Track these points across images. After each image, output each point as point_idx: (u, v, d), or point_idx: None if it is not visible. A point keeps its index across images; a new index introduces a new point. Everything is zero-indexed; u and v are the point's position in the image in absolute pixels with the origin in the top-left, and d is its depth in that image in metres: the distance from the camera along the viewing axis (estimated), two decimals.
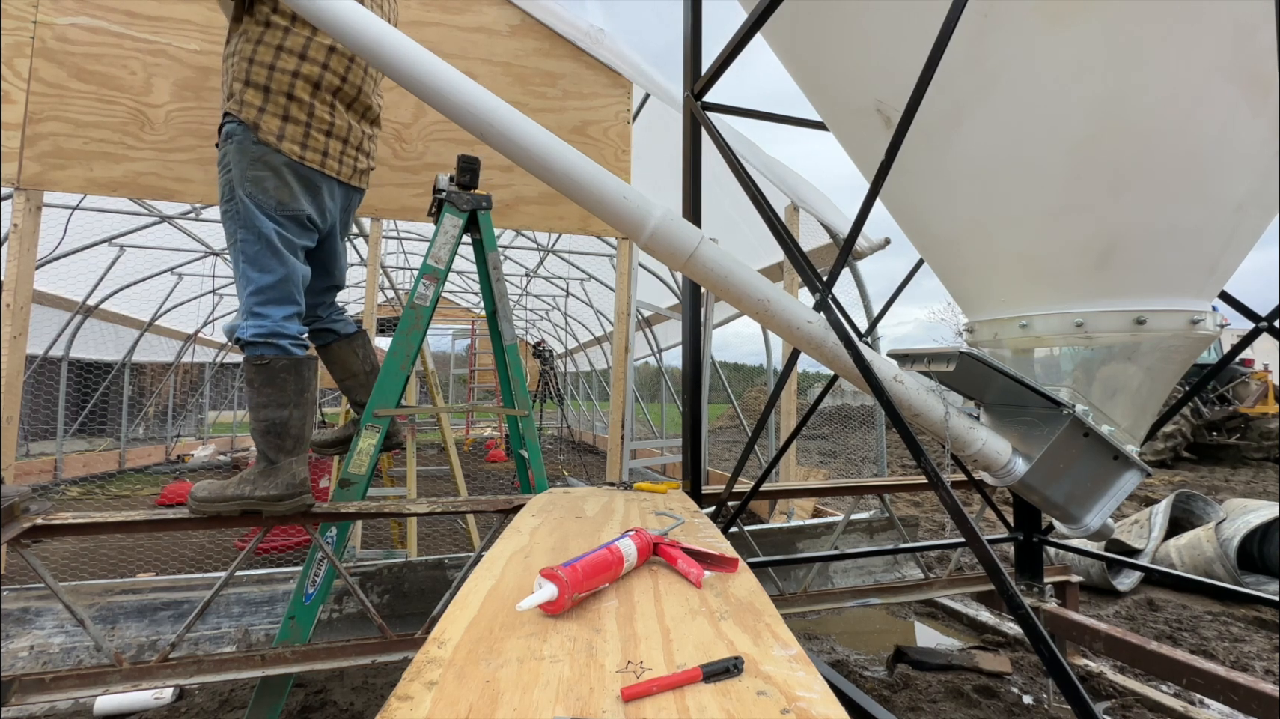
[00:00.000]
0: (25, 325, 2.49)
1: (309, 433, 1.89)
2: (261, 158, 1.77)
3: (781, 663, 0.75)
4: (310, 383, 1.87)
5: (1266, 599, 1.90)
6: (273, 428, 1.80)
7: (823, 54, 1.64)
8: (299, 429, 1.84)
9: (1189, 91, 1.23)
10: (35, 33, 2.50)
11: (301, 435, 1.85)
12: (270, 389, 1.79)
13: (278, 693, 2.03)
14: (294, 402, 1.82)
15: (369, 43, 1.31)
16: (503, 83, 3.05)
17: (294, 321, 1.84)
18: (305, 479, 1.85)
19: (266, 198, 1.78)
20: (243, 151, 1.77)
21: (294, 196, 1.82)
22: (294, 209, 1.83)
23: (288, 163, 1.80)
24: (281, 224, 1.82)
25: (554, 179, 1.34)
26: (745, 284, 1.40)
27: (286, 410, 1.81)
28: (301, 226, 1.87)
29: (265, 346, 1.77)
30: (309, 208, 1.87)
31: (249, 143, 1.76)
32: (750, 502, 2.30)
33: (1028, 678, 2.91)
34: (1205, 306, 1.45)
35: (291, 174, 1.81)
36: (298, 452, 1.85)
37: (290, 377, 1.80)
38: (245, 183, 1.77)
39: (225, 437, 12.46)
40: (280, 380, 1.79)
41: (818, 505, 4.76)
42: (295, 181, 1.82)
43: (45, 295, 6.83)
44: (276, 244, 1.80)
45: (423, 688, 0.68)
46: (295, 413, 1.83)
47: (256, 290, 1.78)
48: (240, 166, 1.77)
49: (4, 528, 1.64)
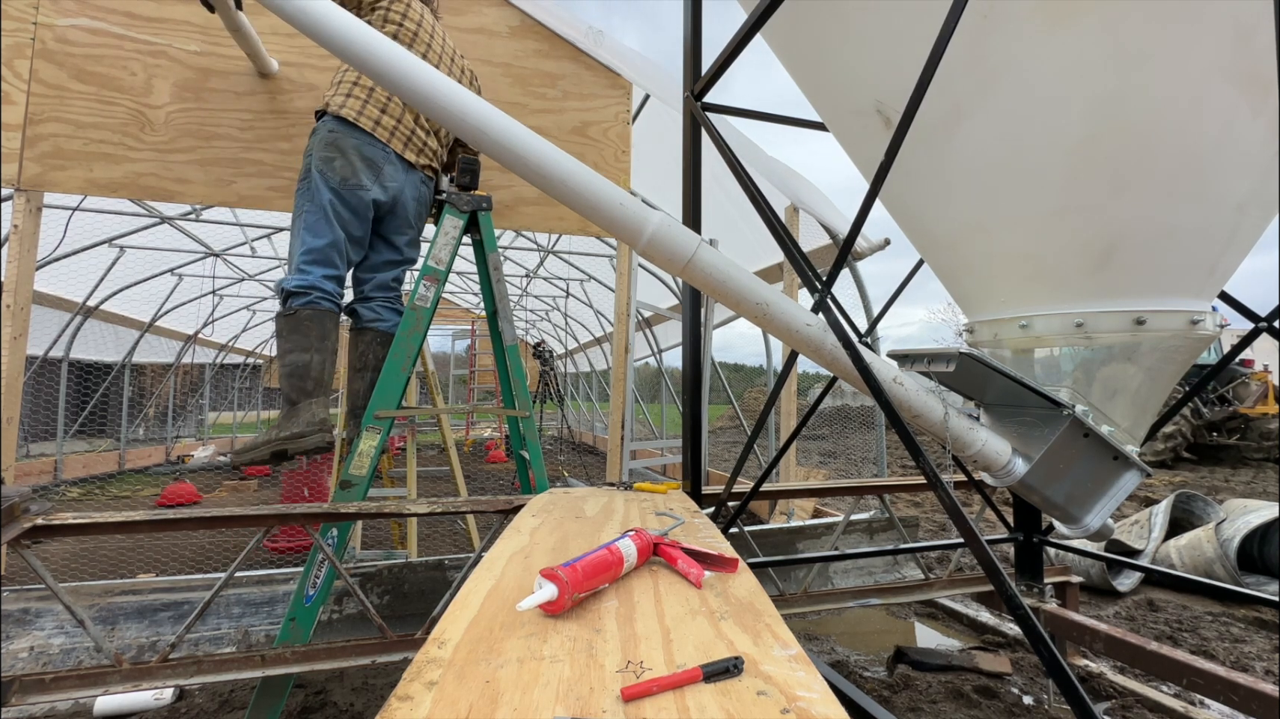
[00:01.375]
0: (25, 326, 2.49)
1: (328, 378, 2.07)
2: (334, 142, 2.10)
3: (781, 663, 0.75)
4: (330, 332, 2.07)
5: (1266, 599, 1.90)
6: (296, 370, 2.01)
7: (822, 54, 1.64)
8: (319, 371, 2.03)
9: (1189, 92, 1.23)
10: (35, 34, 2.51)
11: (321, 378, 2.04)
12: (296, 335, 2.01)
13: (278, 694, 2.03)
14: (316, 346, 2.03)
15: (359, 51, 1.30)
16: (503, 84, 3.05)
17: (331, 283, 2.09)
18: (324, 419, 2.03)
19: (333, 174, 2.08)
20: (319, 137, 2.12)
21: (355, 173, 2.11)
22: (354, 183, 2.11)
23: (355, 145, 2.10)
24: (339, 197, 2.09)
25: (550, 186, 1.33)
26: (743, 288, 1.40)
27: (309, 354, 2.01)
28: (359, 202, 2.12)
29: (301, 297, 2.02)
30: (368, 182, 2.14)
31: (324, 129, 2.12)
32: (750, 502, 2.29)
33: (1028, 678, 2.91)
34: (1205, 307, 1.45)
35: (356, 155, 2.11)
36: (317, 393, 2.03)
37: (313, 324, 2.02)
38: (318, 162, 2.09)
39: (225, 437, 12.47)
40: (304, 327, 2.01)
41: (818, 506, 4.76)
42: (359, 160, 2.11)
43: (45, 296, 6.83)
44: (329, 214, 2.07)
45: (423, 688, 0.68)
46: (316, 357, 2.03)
47: (306, 250, 2.06)
48: (317, 150, 2.11)
49: (4, 528, 1.64)
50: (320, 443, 1.99)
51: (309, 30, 1.33)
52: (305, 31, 1.34)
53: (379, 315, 2.33)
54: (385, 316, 2.34)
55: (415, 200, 2.32)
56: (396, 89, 1.32)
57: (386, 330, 2.32)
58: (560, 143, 3.09)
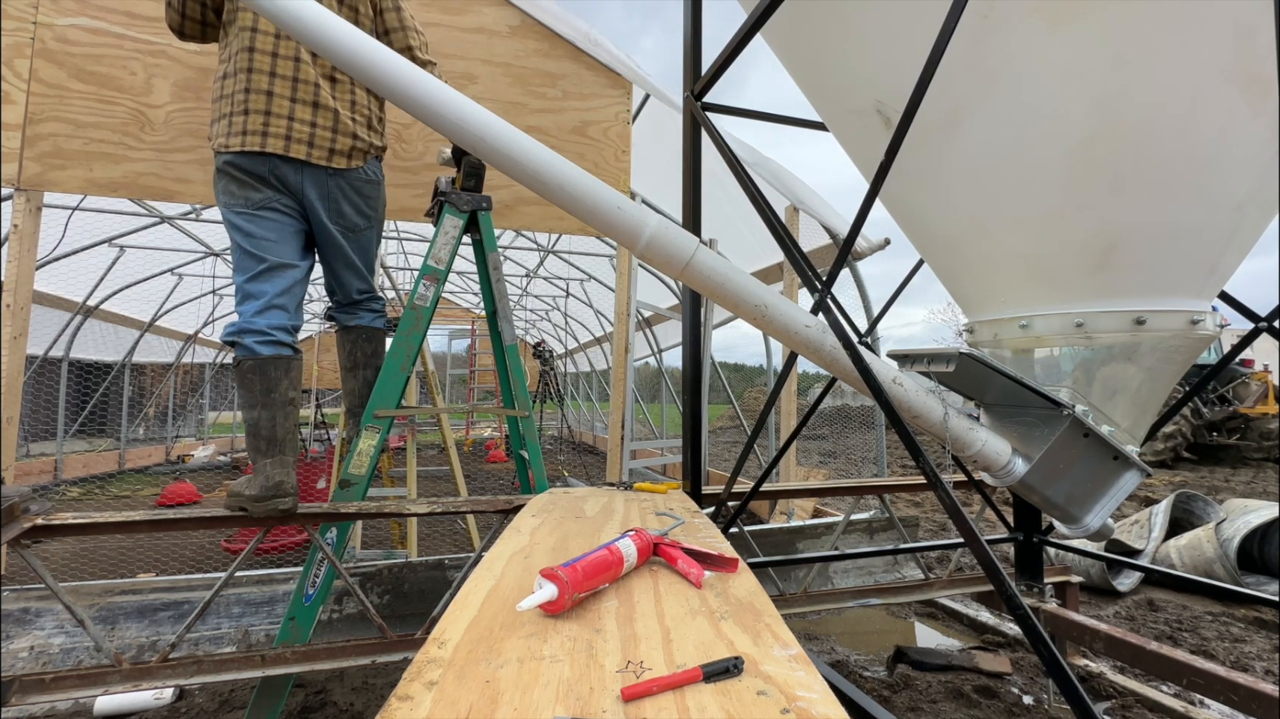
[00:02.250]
0: (25, 326, 2.49)
1: (284, 434, 1.86)
2: (220, 172, 1.91)
3: (781, 663, 0.75)
4: (277, 382, 1.84)
5: (1266, 599, 1.90)
6: (250, 429, 1.84)
7: (822, 54, 1.64)
8: (269, 430, 1.83)
9: (1189, 92, 1.23)
10: (35, 33, 2.51)
11: (273, 437, 1.83)
12: (242, 390, 1.84)
13: (278, 693, 2.03)
14: (260, 402, 1.82)
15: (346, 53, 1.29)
16: (503, 83, 3.05)
17: (265, 315, 1.86)
18: (281, 483, 1.81)
19: (230, 205, 1.91)
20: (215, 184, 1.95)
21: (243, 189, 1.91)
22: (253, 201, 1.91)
23: (228, 160, 1.88)
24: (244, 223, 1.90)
25: (547, 191, 1.33)
26: (742, 290, 1.40)
27: (255, 411, 1.82)
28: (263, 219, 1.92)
29: (237, 347, 1.83)
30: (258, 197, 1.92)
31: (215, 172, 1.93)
32: (750, 502, 2.29)
33: (1028, 678, 2.91)
34: (1205, 307, 1.45)
35: (235, 171, 1.89)
36: (272, 453, 1.83)
37: (255, 377, 1.82)
38: (219, 201, 1.93)
39: (225, 437, 12.46)
40: (247, 381, 1.82)
41: (818, 506, 4.76)
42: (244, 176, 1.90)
43: (45, 296, 6.83)
44: (244, 246, 1.90)
45: (423, 688, 0.68)
46: (263, 413, 1.82)
47: (237, 292, 1.89)
48: (215, 188, 1.95)
49: (4, 528, 1.64)
50: (272, 510, 1.80)
51: (304, 37, 1.32)
52: (302, 39, 1.33)
53: (357, 315, 2.25)
54: (364, 316, 2.26)
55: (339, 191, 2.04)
56: (393, 96, 1.31)
57: (369, 325, 2.26)
58: (560, 142, 3.10)
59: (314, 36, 1.28)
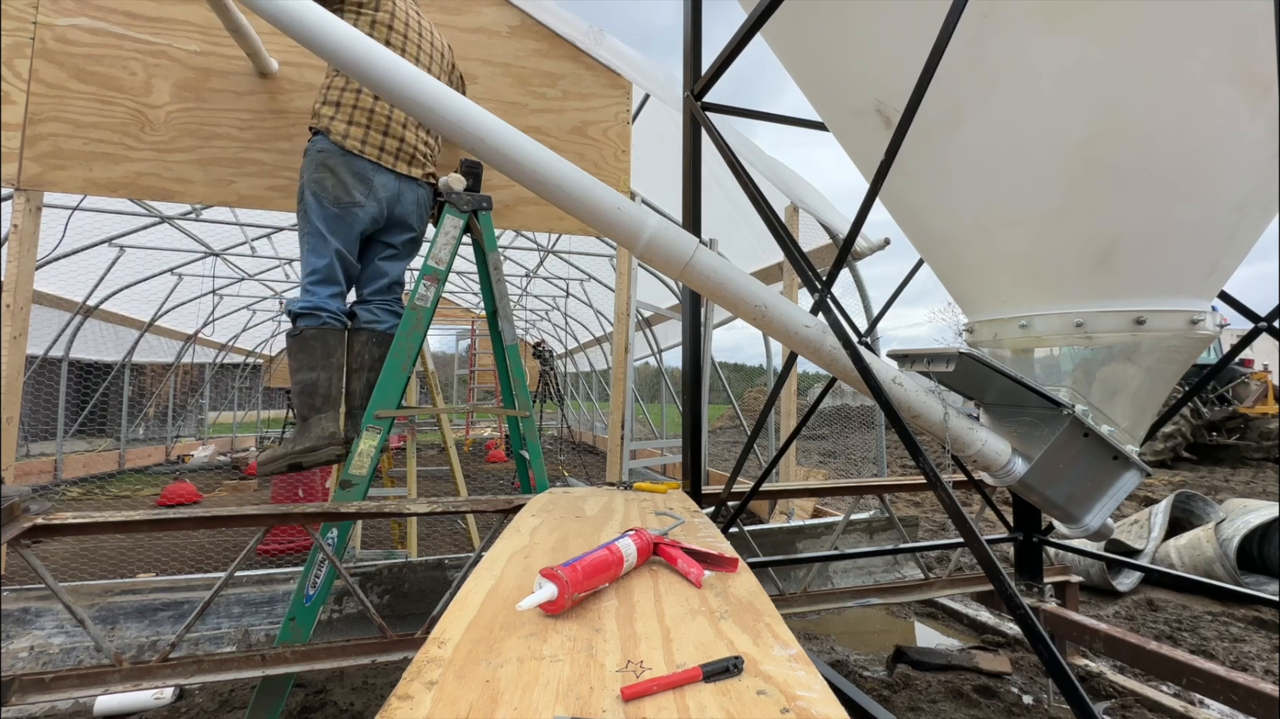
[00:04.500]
0: (25, 326, 2.49)
1: (336, 393, 2.13)
2: (323, 162, 2.13)
3: (781, 663, 0.75)
4: (335, 349, 2.14)
5: (1266, 599, 1.90)
6: (305, 388, 2.09)
7: (822, 54, 1.64)
8: (326, 388, 2.10)
9: (1189, 91, 1.23)
10: (35, 33, 2.50)
11: (329, 394, 2.11)
12: (303, 354, 2.09)
13: (278, 693, 2.03)
14: (321, 364, 2.10)
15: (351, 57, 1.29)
16: (503, 83, 3.05)
17: (337, 300, 2.17)
18: (334, 433, 2.10)
19: (325, 194, 2.13)
20: (310, 159, 2.16)
21: (347, 190, 2.15)
22: (346, 201, 2.15)
23: (344, 162, 2.14)
24: (334, 216, 2.14)
25: (547, 192, 1.33)
26: (742, 290, 1.40)
27: (315, 373, 2.09)
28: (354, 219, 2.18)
29: (308, 318, 2.10)
30: (360, 197, 2.18)
31: (314, 150, 2.15)
32: (750, 502, 2.29)
33: (1028, 678, 2.91)
34: (1205, 307, 1.45)
35: (347, 172, 2.14)
36: (326, 409, 2.10)
37: (318, 344, 2.09)
38: (311, 184, 2.14)
39: (225, 437, 12.47)
40: (310, 346, 2.09)
41: (818, 505, 4.76)
42: (349, 176, 2.15)
43: (45, 296, 6.83)
44: (326, 233, 2.13)
45: (423, 688, 0.68)
46: (323, 374, 2.10)
47: (311, 272, 2.13)
48: (307, 172, 2.16)
49: (4, 528, 1.64)
50: (332, 455, 2.06)
51: (305, 39, 1.32)
52: (302, 41, 1.33)
53: (376, 317, 2.34)
54: (382, 318, 2.35)
55: (415, 204, 2.36)
56: (395, 99, 1.31)
57: (383, 331, 2.32)
58: (560, 142, 3.10)
59: (314, 36, 1.28)
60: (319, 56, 1.37)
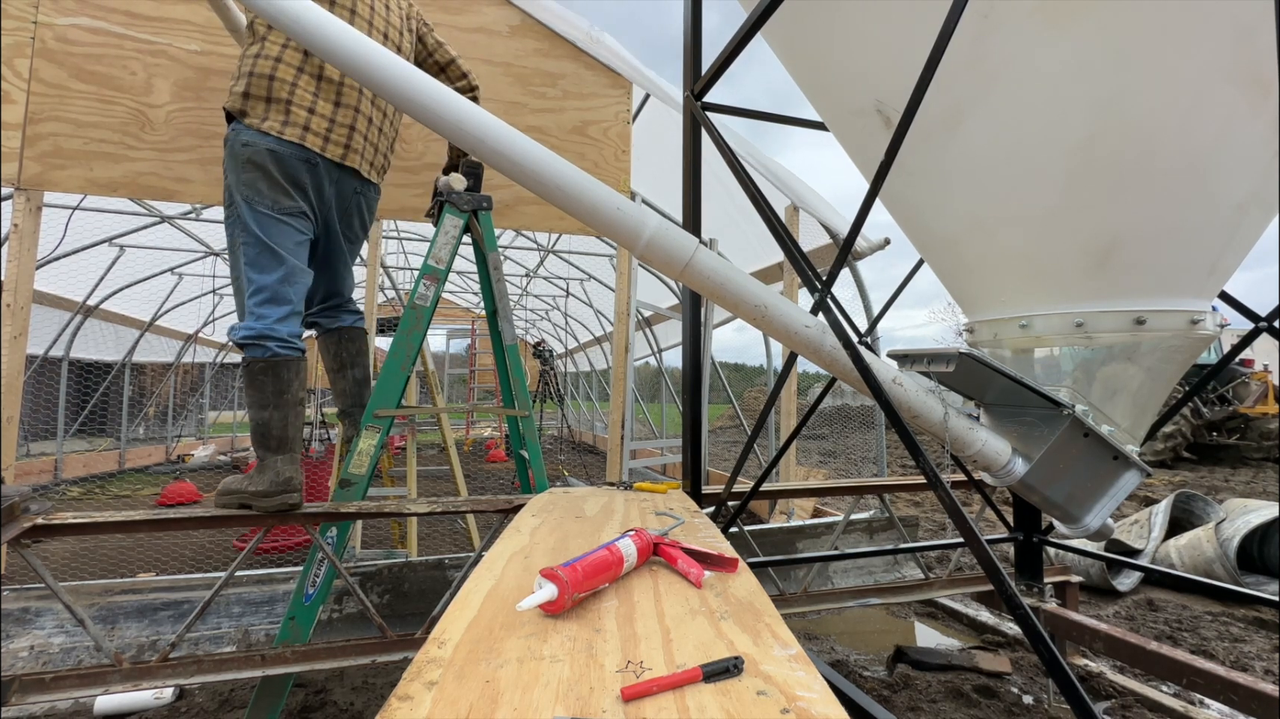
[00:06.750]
0: (25, 325, 2.49)
1: (292, 433, 1.89)
2: (250, 158, 1.81)
3: (781, 663, 0.75)
4: (289, 384, 1.87)
5: (1266, 599, 1.90)
6: (258, 428, 1.85)
7: (823, 54, 1.64)
8: (280, 429, 1.86)
9: (1189, 92, 1.23)
10: (36, 33, 2.51)
11: (284, 436, 1.87)
12: (252, 390, 1.84)
13: (278, 693, 2.03)
14: (272, 403, 1.84)
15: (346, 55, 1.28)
16: (503, 83, 3.05)
17: (288, 323, 1.86)
18: (290, 478, 1.86)
19: (260, 198, 1.83)
20: (233, 154, 1.83)
21: (285, 193, 1.86)
22: (286, 205, 1.86)
23: (270, 150, 1.81)
24: (276, 222, 1.85)
25: (547, 192, 1.33)
26: (742, 291, 1.40)
27: (266, 411, 1.84)
28: (296, 220, 1.90)
29: (254, 348, 1.81)
30: (300, 201, 1.90)
31: (237, 142, 1.82)
32: (750, 502, 2.29)
33: (1028, 678, 2.91)
34: (1205, 306, 1.45)
35: (275, 165, 1.83)
36: (282, 451, 1.86)
37: (267, 378, 1.82)
38: (241, 187, 1.83)
39: (225, 436, 12.47)
40: (259, 382, 1.83)
41: (818, 505, 4.76)
42: (280, 174, 1.84)
43: (45, 295, 6.83)
44: (270, 243, 1.84)
45: (423, 688, 0.68)
46: (275, 414, 1.85)
47: (256, 291, 1.83)
48: (234, 172, 1.83)
49: (4, 528, 1.64)
50: (282, 505, 1.84)
51: (305, 39, 1.32)
52: (302, 41, 1.33)
53: (339, 318, 2.24)
54: (343, 319, 2.25)
55: (359, 210, 2.13)
56: (396, 100, 1.31)
57: (349, 326, 2.26)
58: (560, 142, 3.10)
59: (313, 37, 1.28)
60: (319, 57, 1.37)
